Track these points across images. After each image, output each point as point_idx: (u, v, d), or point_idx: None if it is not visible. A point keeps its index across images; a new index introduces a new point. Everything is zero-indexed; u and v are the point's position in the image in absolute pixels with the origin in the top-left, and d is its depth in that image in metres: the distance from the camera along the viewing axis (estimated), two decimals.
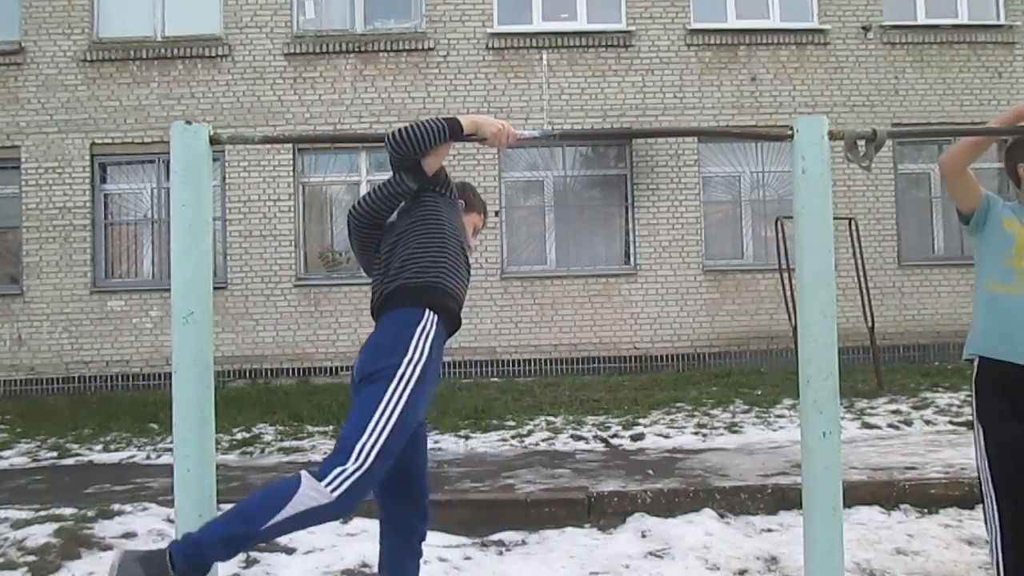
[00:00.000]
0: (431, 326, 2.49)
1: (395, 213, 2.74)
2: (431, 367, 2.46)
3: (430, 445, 6.17)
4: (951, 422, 6.49)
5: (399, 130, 2.56)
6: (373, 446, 2.31)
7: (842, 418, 5.66)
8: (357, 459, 2.29)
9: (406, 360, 2.41)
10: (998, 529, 2.66)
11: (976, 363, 2.79)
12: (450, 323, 2.60)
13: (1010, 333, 2.67)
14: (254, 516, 2.20)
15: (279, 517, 2.19)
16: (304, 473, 2.27)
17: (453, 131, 2.57)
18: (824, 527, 2.38)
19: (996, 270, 2.74)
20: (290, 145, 10.62)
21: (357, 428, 2.34)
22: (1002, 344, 2.69)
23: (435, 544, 4.04)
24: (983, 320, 2.77)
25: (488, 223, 2.98)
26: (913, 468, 4.94)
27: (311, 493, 2.22)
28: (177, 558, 2.12)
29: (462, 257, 2.67)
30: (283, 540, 4.04)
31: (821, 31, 10.97)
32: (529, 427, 6.75)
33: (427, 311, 2.51)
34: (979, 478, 2.75)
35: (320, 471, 2.28)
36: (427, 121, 2.57)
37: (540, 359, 10.49)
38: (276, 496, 2.23)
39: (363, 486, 2.31)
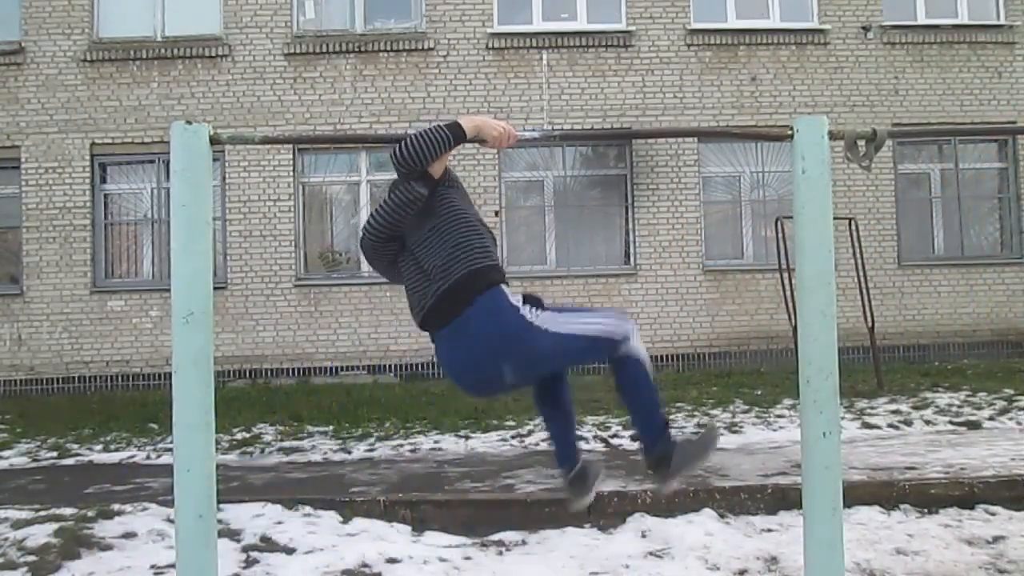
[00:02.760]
0: (509, 294, 2.59)
1: None
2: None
3: (429, 445, 6.20)
4: (951, 422, 6.49)
5: (403, 144, 2.52)
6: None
7: (842, 418, 5.67)
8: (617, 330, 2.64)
9: (524, 325, 2.54)
10: None
11: None
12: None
13: None
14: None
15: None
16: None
17: (457, 138, 2.54)
18: (824, 527, 2.38)
19: None
20: (290, 145, 10.62)
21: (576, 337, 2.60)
22: None
23: (435, 544, 4.05)
24: None
25: (488, 223, 2.99)
26: (913, 468, 4.94)
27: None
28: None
29: (490, 235, 2.73)
30: (283, 540, 4.05)
31: (821, 31, 10.97)
32: (529, 427, 6.74)
33: (499, 287, 2.58)
34: None
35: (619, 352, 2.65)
36: (430, 131, 2.52)
37: None
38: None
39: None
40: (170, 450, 4.17)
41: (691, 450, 2.66)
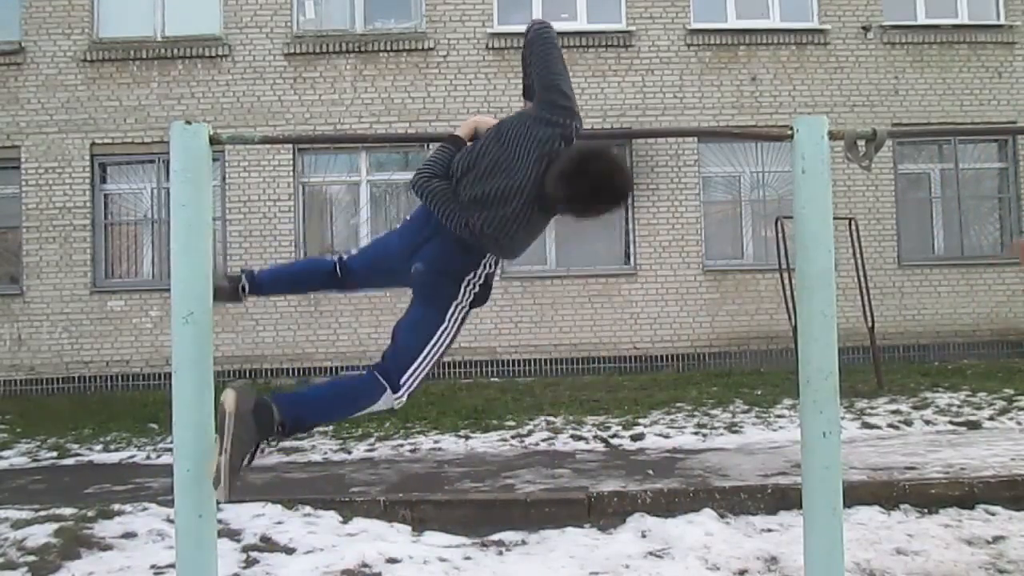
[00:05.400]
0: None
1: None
2: None
3: (429, 445, 6.19)
4: (951, 422, 6.49)
5: (416, 183, 2.67)
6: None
7: (842, 418, 5.67)
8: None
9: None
10: None
11: None
12: None
13: None
14: (337, 411, 2.71)
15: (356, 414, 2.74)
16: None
17: (456, 142, 2.71)
18: (824, 527, 2.38)
19: None
20: (290, 145, 10.61)
21: None
22: None
23: (435, 544, 4.05)
24: None
25: None
26: (913, 468, 4.94)
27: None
28: (285, 418, 2.47)
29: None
30: (283, 540, 4.05)
31: (821, 31, 10.96)
32: (529, 427, 6.75)
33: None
34: None
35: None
36: (432, 153, 2.70)
37: (540, 359, 10.48)
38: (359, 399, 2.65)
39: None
40: (170, 450, 4.17)
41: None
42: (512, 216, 2.50)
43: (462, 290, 2.64)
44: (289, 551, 3.92)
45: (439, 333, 2.63)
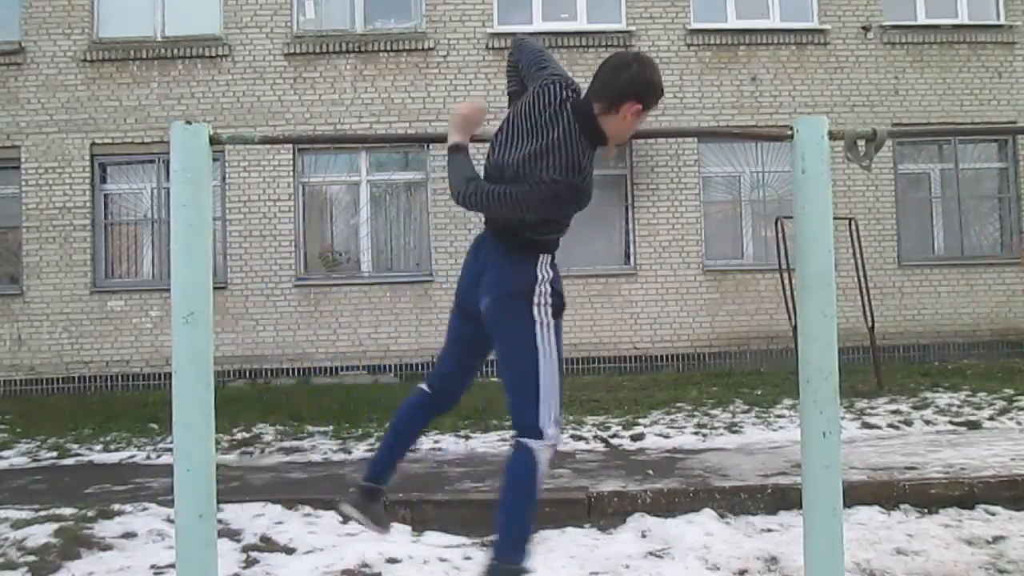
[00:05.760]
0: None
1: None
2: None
3: (429, 445, 6.19)
4: (951, 422, 6.49)
5: (458, 194, 2.54)
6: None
7: (842, 418, 5.66)
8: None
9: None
10: None
11: None
12: None
13: None
14: (526, 505, 2.55)
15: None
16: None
17: (464, 151, 2.58)
18: (824, 527, 2.38)
19: None
20: (290, 145, 10.61)
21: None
22: None
23: (435, 544, 4.05)
24: None
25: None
26: (913, 468, 4.94)
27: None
28: (514, 560, 2.49)
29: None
30: (283, 540, 4.05)
31: (821, 31, 10.96)
32: None
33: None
34: None
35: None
36: (450, 169, 2.57)
37: None
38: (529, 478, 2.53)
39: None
40: (170, 450, 4.16)
41: None
42: (571, 151, 2.44)
43: (535, 310, 2.56)
44: (289, 551, 3.92)
45: (541, 364, 2.52)
